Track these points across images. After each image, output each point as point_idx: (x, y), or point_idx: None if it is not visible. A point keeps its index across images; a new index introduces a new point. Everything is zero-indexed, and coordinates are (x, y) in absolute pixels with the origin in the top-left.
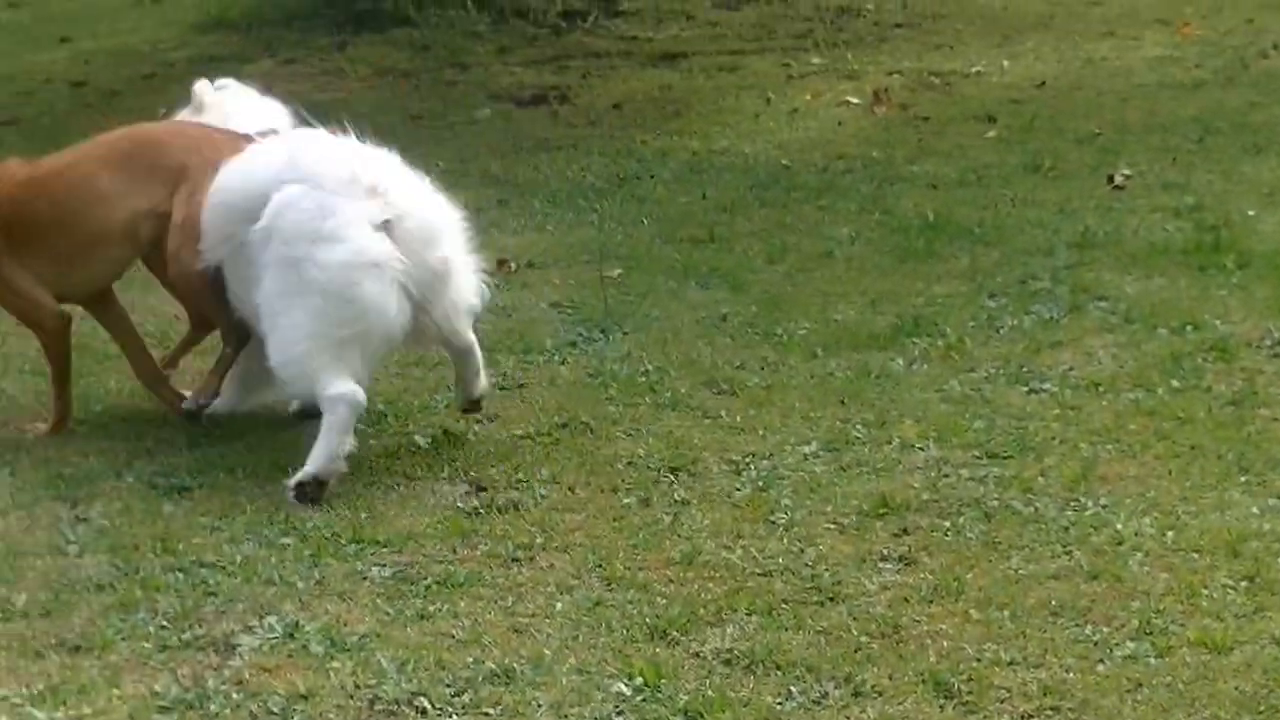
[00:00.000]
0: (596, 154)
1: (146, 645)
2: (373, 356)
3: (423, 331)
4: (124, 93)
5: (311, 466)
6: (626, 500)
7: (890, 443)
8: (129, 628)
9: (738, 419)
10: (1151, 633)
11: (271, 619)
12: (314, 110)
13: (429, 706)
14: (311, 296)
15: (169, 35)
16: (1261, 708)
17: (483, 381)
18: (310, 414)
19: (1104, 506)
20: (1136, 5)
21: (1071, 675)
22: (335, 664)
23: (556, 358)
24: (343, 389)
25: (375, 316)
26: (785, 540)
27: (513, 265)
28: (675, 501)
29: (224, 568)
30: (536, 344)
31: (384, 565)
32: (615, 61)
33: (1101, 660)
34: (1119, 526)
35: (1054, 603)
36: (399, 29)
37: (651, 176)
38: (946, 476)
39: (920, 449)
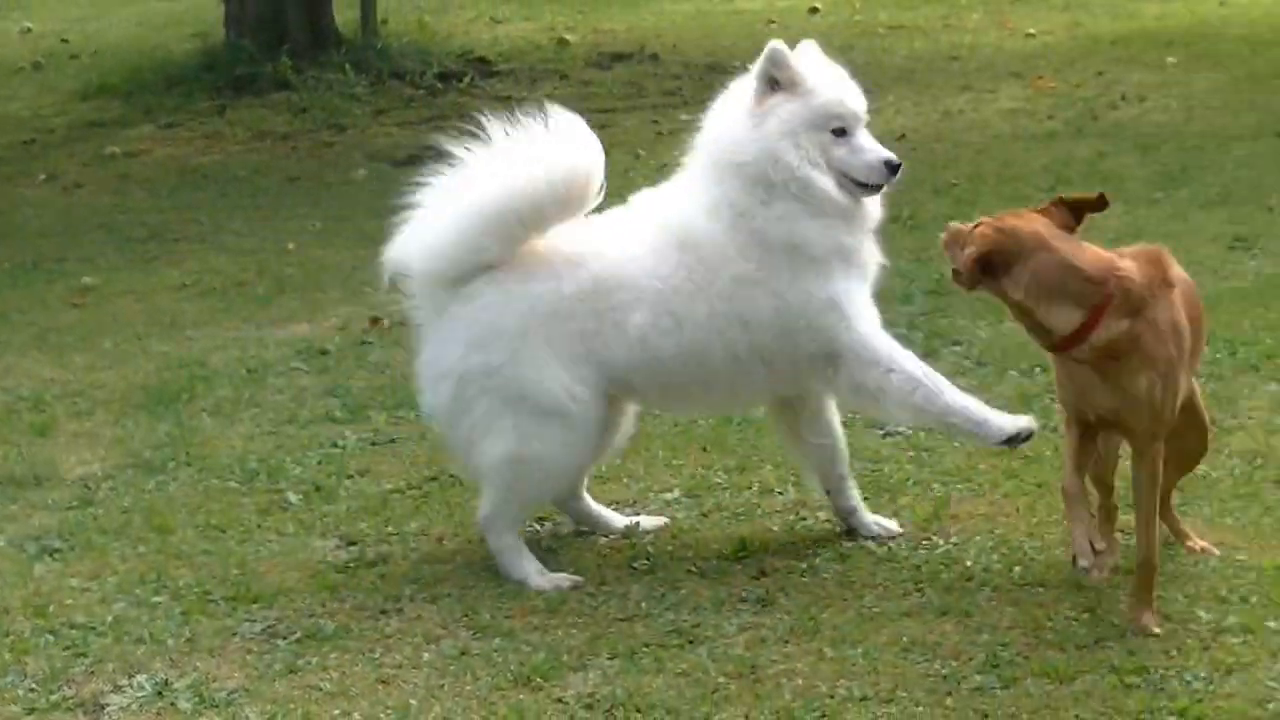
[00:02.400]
0: None
1: (14, 708)
2: None
3: None
4: (4, 159)
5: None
6: None
7: (750, 488)
8: None
9: (604, 468)
10: (998, 665)
11: (141, 678)
12: (194, 173)
13: None
14: None
15: (49, 102)
16: None
17: None
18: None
19: (954, 545)
20: (993, 60)
21: (921, 709)
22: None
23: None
24: None
25: None
26: (648, 585)
27: (386, 322)
28: (543, 549)
29: (94, 628)
30: (408, 399)
31: (254, 621)
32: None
33: (950, 693)
34: (968, 563)
35: (905, 639)
36: (278, 92)
37: None
38: (804, 519)
39: (779, 493)
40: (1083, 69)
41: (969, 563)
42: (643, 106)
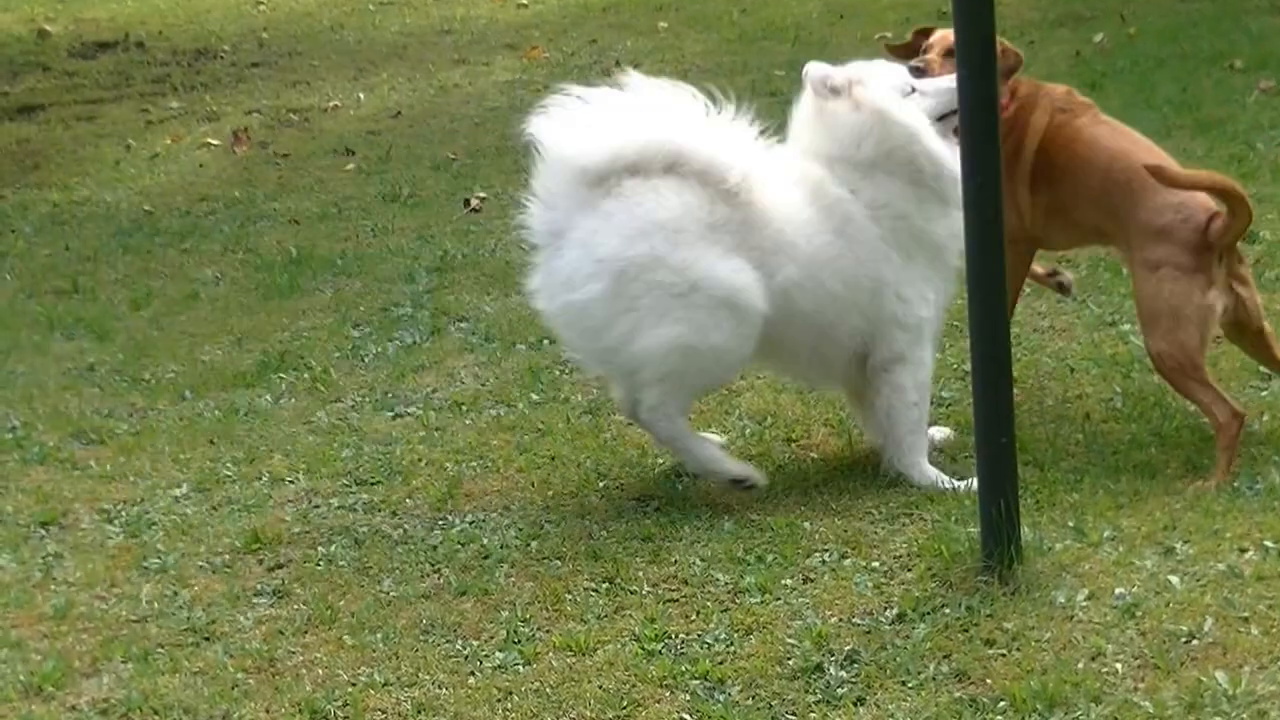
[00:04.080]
0: None
1: None
2: None
3: None
4: None
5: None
6: None
7: (260, 478)
8: None
9: (108, 467)
10: (519, 641)
11: None
12: None
13: None
14: None
15: None
16: (624, 703)
17: None
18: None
19: (470, 523)
20: (486, 32)
21: (444, 690)
22: None
23: None
24: None
25: None
26: (159, 585)
27: None
28: (47, 555)
29: None
30: None
31: None
32: None
33: (473, 673)
34: (485, 541)
35: (425, 621)
36: None
37: (12, 231)
38: (317, 507)
39: (290, 482)
40: (576, 37)
41: (486, 540)
42: (131, 95)
